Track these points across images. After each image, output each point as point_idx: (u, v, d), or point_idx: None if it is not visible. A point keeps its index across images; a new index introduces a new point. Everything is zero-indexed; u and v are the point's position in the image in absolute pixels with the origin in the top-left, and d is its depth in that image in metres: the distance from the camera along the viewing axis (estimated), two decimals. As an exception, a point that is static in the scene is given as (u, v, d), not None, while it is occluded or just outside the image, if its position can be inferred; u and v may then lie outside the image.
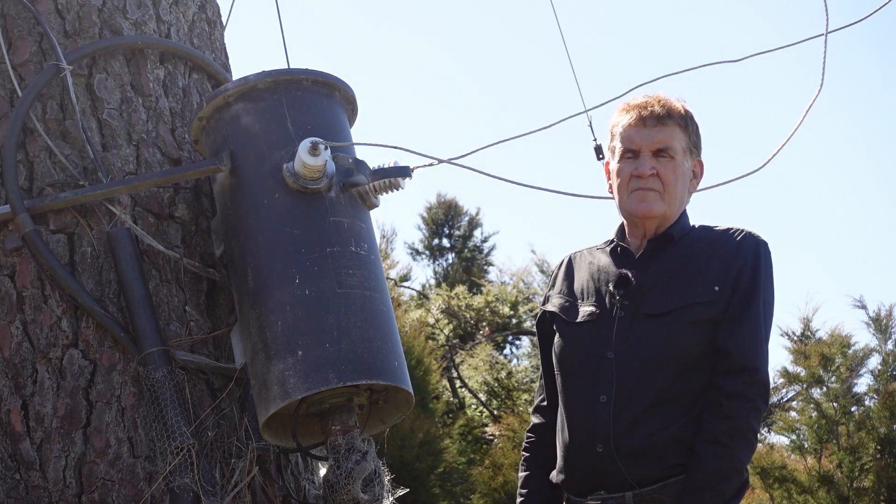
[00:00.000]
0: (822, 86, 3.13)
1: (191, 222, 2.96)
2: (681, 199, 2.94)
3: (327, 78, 2.85)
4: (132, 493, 2.68)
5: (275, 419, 2.65)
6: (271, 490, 2.85)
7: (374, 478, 2.66)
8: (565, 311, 2.98)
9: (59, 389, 2.73)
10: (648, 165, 2.88)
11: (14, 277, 2.79)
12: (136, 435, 2.73)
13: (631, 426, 2.77)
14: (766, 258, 2.87)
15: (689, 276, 2.85)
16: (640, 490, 2.75)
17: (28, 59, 2.92)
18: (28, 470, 2.68)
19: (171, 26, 3.14)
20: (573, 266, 3.07)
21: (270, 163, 2.71)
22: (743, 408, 2.74)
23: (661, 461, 2.75)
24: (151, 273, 2.84)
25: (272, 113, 2.76)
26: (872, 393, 10.11)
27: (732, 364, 2.76)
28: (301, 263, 2.62)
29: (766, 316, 2.84)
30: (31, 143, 2.86)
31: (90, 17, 2.98)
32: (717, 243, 2.89)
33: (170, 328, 2.82)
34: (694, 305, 2.80)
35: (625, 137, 2.92)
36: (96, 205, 2.83)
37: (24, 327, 2.76)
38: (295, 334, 2.58)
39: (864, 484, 9.61)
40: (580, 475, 2.85)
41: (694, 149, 2.95)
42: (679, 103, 2.94)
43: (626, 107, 2.95)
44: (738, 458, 2.74)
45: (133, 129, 2.96)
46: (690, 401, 2.78)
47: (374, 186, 2.74)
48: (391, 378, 2.62)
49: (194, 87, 3.15)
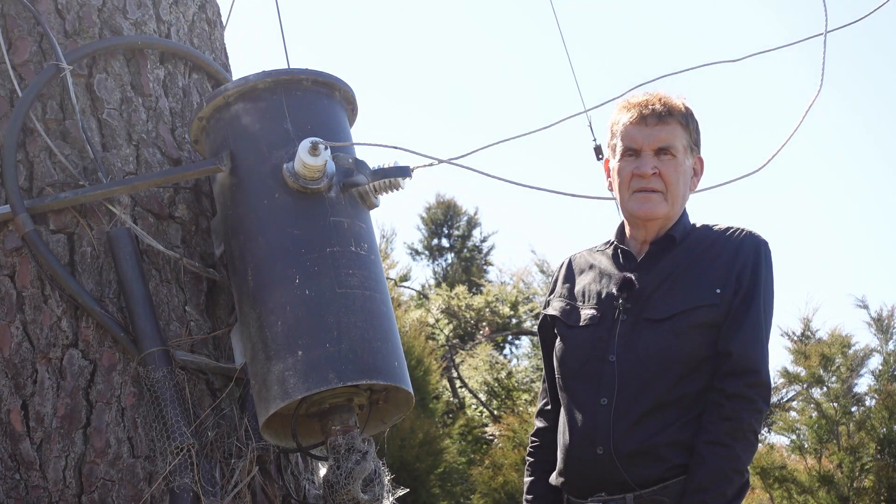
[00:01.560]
0: (822, 85, 3.13)
1: (191, 222, 2.96)
2: (683, 198, 2.93)
3: (327, 78, 2.85)
4: (132, 493, 2.68)
5: (275, 419, 2.65)
6: (271, 490, 2.85)
7: (374, 478, 2.65)
8: (566, 314, 2.97)
9: (59, 389, 2.73)
10: (650, 164, 2.86)
11: (14, 277, 2.79)
12: (136, 435, 2.73)
13: (631, 428, 2.76)
14: (766, 258, 2.86)
15: (691, 279, 2.84)
16: (641, 492, 2.75)
17: (28, 59, 2.92)
18: (28, 470, 2.68)
19: (171, 26, 3.14)
20: (573, 268, 3.06)
21: (270, 163, 2.70)
22: (744, 409, 2.73)
23: (661, 462, 2.74)
24: (151, 273, 2.84)
25: (272, 113, 2.76)
26: (873, 393, 10.11)
27: (734, 365, 2.75)
28: (301, 263, 2.62)
29: (767, 317, 2.83)
30: (31, 143, 2.86)
31: (90, 17, 2.98)
32: (718, 244, 2.88)
33: (170, 328, 2.82)
34: (696, 309, 2.79)
35: (625, 136, 2.90)
36: (96, 205, 2.83)
37: (24, 327, 2.76)
38: (295, 334, 2.58)
39: (865, 484, 9.60)
40: (581, 477, 2.84)
41: (695, 146, 2.94)
42: (679, 101, 2.92)
43: (626, 105, 2.93)
44: (740, 459, 2.73)
45: (133, 129, 2.96)
46: (691, 403, 2.77)
47: (374, 186, 2.74)
48: (391, 378, 2.62)
49: (194, 87, 3.15)
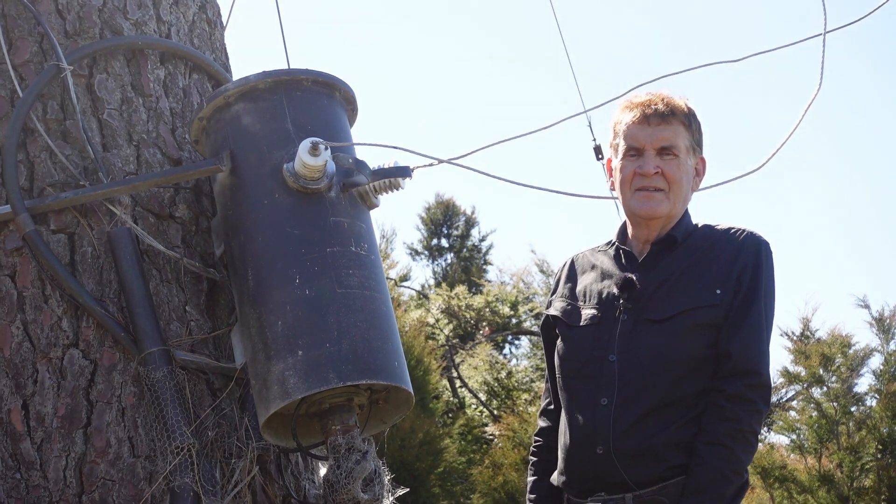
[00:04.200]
0: (821, 85, 3.13)
1: (191, 222, 2.96)
2: (685, 198, 2.93)
3: (327, 78, 2.85)
4: (132, 492, 2.68)
5: (275, 419, 2.65)
6: (271, 490, 2.86)
7: (374, 477, 2.66)
8: (567, 314, 2.97)
9: (59, 389, 2.73)
10: (652, 164, 2.87)
11: (15, 277, 2.79)
12: (137, 435, 2.73)
13: (631, 428, 2.76)
14: (767, 259, 2.86)
15: (692, 279, 2.84)
16: (640, 492, 2.75)
17: (28, 59, 2.92)
18: (28, 469, 2.69)
19: (172, 26, 3.14)
20: (576, 268, 3.06)
21: (271, 163, 2.71)
22: (745, 410, 2.73)
23: (661, 463, 2.74)
24: (152, 273, 2.85)
25: (272, 113, 2.76)
26: (874, 393, 10.11)
27: (734, 366, 2.75)
28: (301, 263, 2.62)
29: (768, 318, 2.83)
30: (32, 143, 2.86)
31: (91, 17, 2.98)
32: (719, 244, 2.89)
33: (170, 328, 2.82)
34: (696, 309, 2.79)
35: (628, 135, 2.91)
36: (97, 205, 2.84)
37: (24, 327, 2.77)
38: (295, 334, 2.58)
39: (865, 484, 9.60)
40: (580, 477, 2.85)
41: (697, 146, 2.94)
42: (682, 101, 2.93)
43: (629, 104, 2.94)
44: (739, 460, 2.73)
45: (133, 130, 2.96)
46: (690, 403, 2.77)
47: (374, 186, 2.74)
48: (391, 378, 2.62)
49: (194, 87, 3.15)
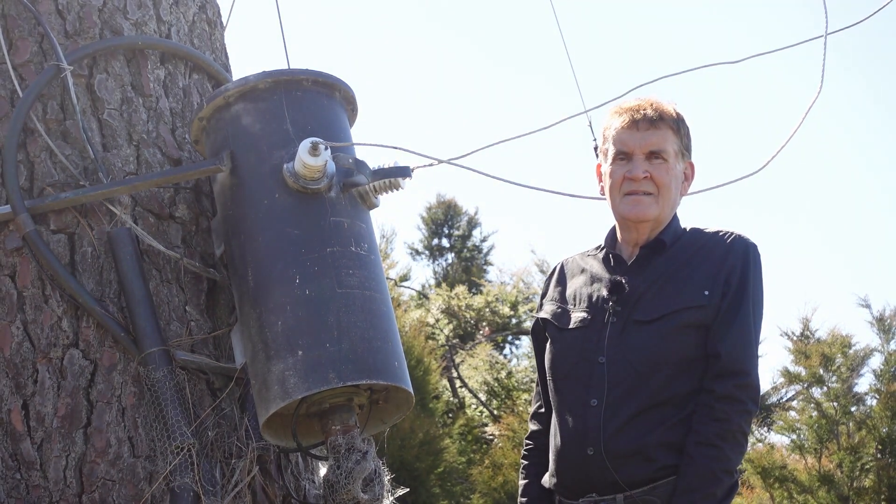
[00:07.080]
0: (822, 87, 3.13)
1: (191, 222, 2.96)
2: (673, 202, 2.95)
3: (327, 78, 2.85)
4: (132, 492, 2.68)
5: (275, 419, 2.65)
6: (271, 490, 2.86)
7: (374, 477, 2.66)
8: (557, 317, 2.99)
9: (59, 389, 2.73)
10: (641, 168, 2.89)
11: (15, 277, 2.79)
12: (137, 435, 2.73)
13: (621, 429, 2.78)
14: (755, 261, 2.88)
15: (680, 281, 2.86)
16: (631, 492, 2.77)
17: (29, 59, 2.92)
18: (29, 469, 2.69)
19: (172, 27, 3.14)
20: (565, 272, 3.09)
21: (270, 163, 2.71)
22: (734, 410, 2.75)
23: (651, 463, 2.76)
24: (152, 273, 2.85)
25: (272, 113, 2.76)
26: (874, 393, 10.11)
27: (723, 367, 2.77)
28: (301, 263, 2.63)
29: (756, 319, 2.85)
30: (32, 143, 2.86)
31: (91, 17, 2.98)
32: (707, 247, 2.91)
33: (170, 328, 2.82)
34: (684, 310, 2.81)
35: (617, 140, 2.93)
36: (97, 205, 2.84)
37: (24, 327, 2.77)
38: (295, 334, 2.58)
39: (865, 483, 9.60)
40: (571, 478, 2.86)
41: (686, 151, 2.96)
42: (670, 106, 2.94)
43: (618, 110, 2.96)
44: (729, 460, 2.75)
45: (133, 130, 2.96)
46: (680, 404, 2.79)
47: (374, 186, 2.74)
48: (391, 378, 2.63)
49: (194, 87, 3.15)
